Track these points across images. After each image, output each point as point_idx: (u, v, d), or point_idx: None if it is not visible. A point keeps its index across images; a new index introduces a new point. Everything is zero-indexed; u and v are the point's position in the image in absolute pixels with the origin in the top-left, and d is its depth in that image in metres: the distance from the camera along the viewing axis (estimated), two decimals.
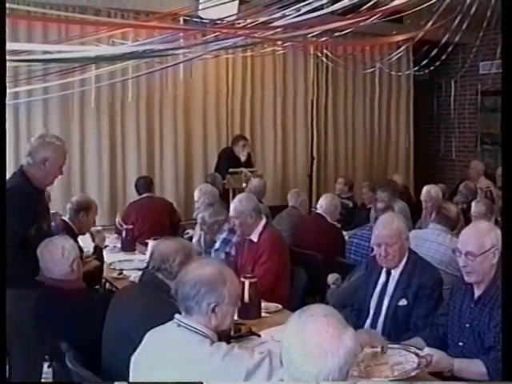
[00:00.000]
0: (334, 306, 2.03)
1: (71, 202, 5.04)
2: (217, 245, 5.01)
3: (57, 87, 6.88)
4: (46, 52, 5.53)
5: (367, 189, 7.48)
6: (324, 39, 7.10)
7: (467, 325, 2.99)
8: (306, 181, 9.06)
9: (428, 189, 6.24)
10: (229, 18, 5.63)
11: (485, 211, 5.45)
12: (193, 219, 6.14)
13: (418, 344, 2.99)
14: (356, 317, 3.63)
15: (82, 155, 7.84)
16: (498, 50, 7.64)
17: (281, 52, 8.20)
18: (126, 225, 5.89)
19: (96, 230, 5.10)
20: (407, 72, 9.80)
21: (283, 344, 1.85)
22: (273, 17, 5.19)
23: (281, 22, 5.01)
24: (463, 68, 9.29)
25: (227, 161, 7.96)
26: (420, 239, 4.52)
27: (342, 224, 6.20)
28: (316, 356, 1.76)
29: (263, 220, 4.54)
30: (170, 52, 5.77)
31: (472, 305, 3.00)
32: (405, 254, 3.54)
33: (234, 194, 6.59)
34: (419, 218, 6.21)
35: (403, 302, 3.46)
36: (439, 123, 10.85)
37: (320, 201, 5.94)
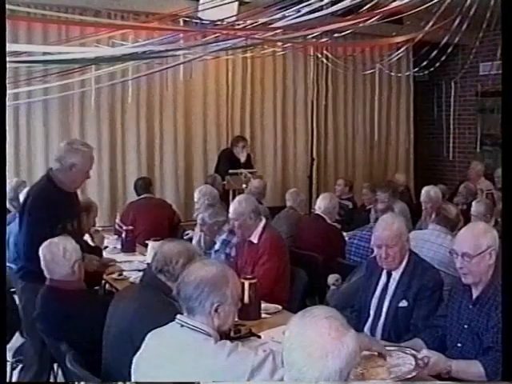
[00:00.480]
0: (335, 307, 2.03)
1: None
2: (217, 246, 5.00)
3: (57, 88, 6.89)
4: (46, 53, 5.53)
5: (367, 190, 7.48)
6: (324, 40, 7.11)
7: (466, 326, 2.99)
8: (306, 182, 9.07)
9: (427, 190, 6.23)
10: (229, 19, 5.64)
11: (484, 211, 5.45)
12: (193, 220, 6.14)
13: (417, 345, 2.99)
14: (356, 318, 3.63)
15: None
16: (498, 51, 7.64)
17: (281, 53, 8.21)
18: (125, 225, 5.89)
19: (95, 230, 5.09)
20: (407, 73, 9.81)
21: (284, 345, 1.85)
22: (273, 18, 5.19)
23: (281, 23, 5.01)
24: (463, 69, 9.29)
25: (227, 162, 7.97)
26: (420, 240, 4.52)
27: (342, 225, 6.20)
28: (317, 358, 1.76)
29: (263, 221, 4.54)
30: (170, 53, 5.77)
31: (470, 305, 3.00)
32: (405, 256, 3.54)
33: (234, 195, 6.59)
34: (419, 219, 6.21)
35: (404, 304, 3.45)
36: (439, 124, 10.85)
37: (318, 201, 5.93)
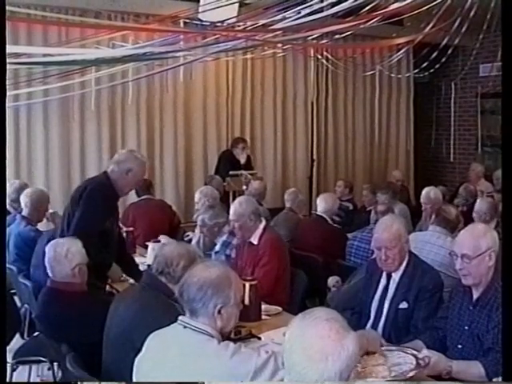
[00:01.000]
0: (335, 309, 2.03)
1: None
2: (217, 247, 5.00)
3: (57, 90, 6.89)
4: (46, 55, 5.53)
5: (368, 191, 7.47)
6: (324, 42, 7.11)
7: (466, 327, 2.99)
8: (306, 183, 9.08)
9: (427, 191, 6.23)
10: (229, 21, 5.64)
11: (486, 210, 5.44)
12: (193, 221, 6.13)
13: (418, 346, 2.98)
14: (357, 320, 3.62)
15: (83, 157, 7.84)
16: (498, 53, 7.63)
17: (281, 54, 8.21)
18: (125, 227, 5.88)
19: None
20: (407, 74, 9.81)
21: (285, 347, 1.85)
22: (273, 19, 5.20)
23: (281, 25, 5.02)
24: (463, 70, 9.30)
25: (227, 163, 7.97)
26: (420, 242, 4.52)
27: (342, 226, 6.19)
28: (317, 360, 1.76)
29: (263, 223, 4.54)
30: (171, 54, 5.77)
31: (471, 307, 3.00)
32: (405, 257, 3.54)
33: (234, 197, 6.59)
34: (419, 221, 6.21)
35: (404, 305, 3.45)
36: (439, 126, 10.85)
37: (318, 202, 5.94)
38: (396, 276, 3.54)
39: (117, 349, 2.86)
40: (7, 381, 2.67)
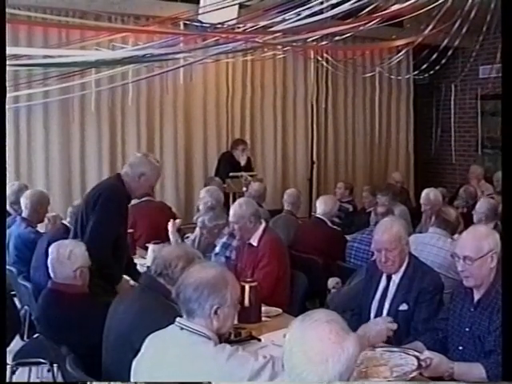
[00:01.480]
0: (335, 311, 2.03)
1: (72, 206, 5.05)
2: (217, 249, 5.00)
3: (57, 91, 6.89)
4: (47, 56, 5.54)
5: (368, 193, 7.48)
6: (324, 43, 7.11)
7: (467, 329, 2.98)
8: (306, 185, 9.07)
9: (427, 192, 6.24)
10: (229, 23, 5.64)
11: (486, 210, 5.44)
12: (193, 223, 6.13)
13: (418, 348, 2.98)
14: (357, 321, 3.61)
15: (83, 159, 7.84)
16: (498, 54, 7.64)
17: (281, 56, 8.21)
18: None
19: None
20: (407, 76, 9.81)
21: (285, 349, 1.85)
22: (273, 21, 5.20)
23: (281, 27, 5.02)
24: (463, 72, 9.29)
25: (227, 165, 7.97)
26: (420, 243, 4.52)
27: (342, 228, 6.19)
28: (317, 362, 1.76)
29: (263, 224, 4.54)
30: (171, 56, 5.77)
31: (472, 309, 2.99)
32: (405, 259, 3.54)
33: (235, 198, 6.59)
34: (419, 222, 6.21)
35: (404, 307, 3.45)
36: (439, 127, 10.85)
37: (318, 204, 5.94)
38: (396, 278, 3.54)
39: (116, 350, 2.86)
40: (7, 381, 2.67)
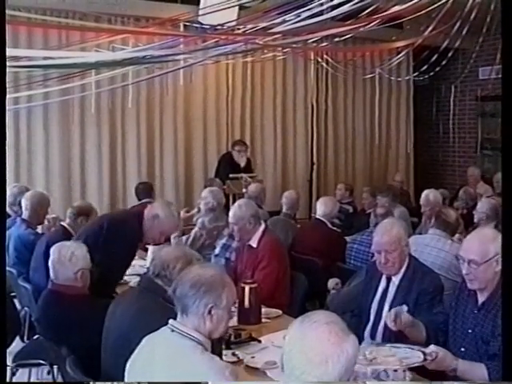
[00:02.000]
0: (335, 312, 2.03)
1: (72, 207, 5.05)
2: (217, 250, 5.00)
3: (57, 93, 6.89)
4: (47, 58, 5.54)
5: (368, 194, 7.48)
6: (324, 45, 7.12)
7: (470, 330, 2.97)
8: (306, 186, 9.08)
9: (426, 193, 6.24)
10: (229, 24, 5.64)
11: (486, 211, 5.44)
12: (193, 224, 6.13)
13: (420, 325, 3.02)
14: (357, 323, 3.62)
15: (83, 160, 7.86)
16: (498, 56, 7.64)
17: (281, 57, 8.22)
18: None
19: None
20: (407, 77, 9.82)
21: (285, 350, 1.85)
22: (273, 22, 5.20)
23: (281, 28, 5.02)
24: (463, 73, 9.29)
25: (227, 166, 7.97)
26: (420, 245, 4.52)
27: (342, 229, 6.19)
28: (317, 363, 1.76)
29: (262, 225, 4.54)
30: (171, 58, 5.77)
31: (475, 310, 2.97)
32: (405, 261, 3.54)
33: (234, 200, 6.59)
34: (419, 223, 6.21)
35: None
36: (439, 128, 10.85)
37: (318, 205, 5.93)
38: (396, 279, 3.53)
39: (115, 352, 2.86)
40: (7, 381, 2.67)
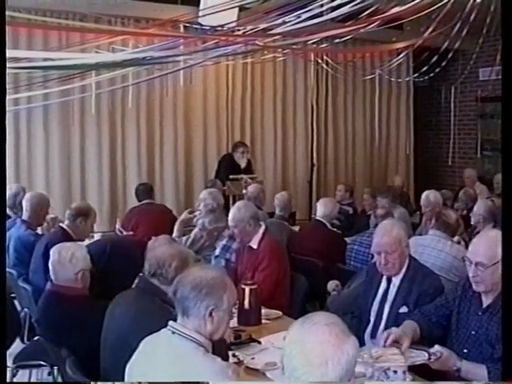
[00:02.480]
0: (335, 313, 2.02)
1: (70, 208, 5.05)
2: (217, 251, 4.99)
3: (57, 94, 6.89)
4: (47, 59, 5.54)
5: (368, 195, 7.48)
6: (324, 46, 7.12)
7: (473, 332, 2.96)
8: (306, 187, 9.08)
9: (427, 194, 6.25)
10: (229, 25, 5.64)
11: (483, 212, 5.44)
12: (192, 226, 6.13)
13: (411, 326, 3.01)
14: (357, 324, 3.62)
15: (83, 161, 7.86)
16: (498, 56, 7.64)
17: (281, 59, 8.22)
18: (126, 231, 5.88)
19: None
20: (407, 78, 9.82)
21: (285, 352, 1.85)
22: (273, 23, 5.20)
23: (281, 29, 5.02)
24: (463, 74, 9.30)
25: (227, 167, 7.97)
26: (420, 246, 4.51)
27: (342, 230, 6.19)
28: (317, 365, 1.76)
29: (262, 227, 4.54)
30: (171, 59, 5.77)
31: (480, 312, 2.96)
32: (405, 262, 3.53)
33: (235, 201, 6.59)
34: (419, 224, 6.21)
35: (404, 310, 3.44)
36: (439, 129, 10.86)
37: (318, 206, 5.93)
38: (396, 280, 3.53)
39: (115, 353, 2.86)
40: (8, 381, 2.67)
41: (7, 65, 2.83)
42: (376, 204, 6.22)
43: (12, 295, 4.71)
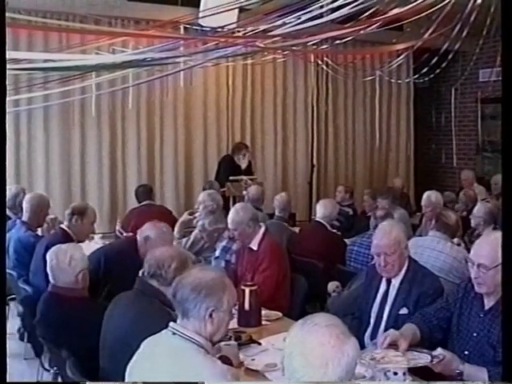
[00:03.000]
0: (335, 314, 2.02)
1: (68, 209, 5.06)
2: (217, 253, 4.99)
3: (57, 95, 6.89)
4: (47, 60, 5.54)
5: (368, 196, 7.48)
6: (324, 47, 7.12)
7: (474, 334, 2.95)
8: (307, 188, 9.08)
9: (428, 194, 6.27)
10: (229, 26, 5.64)
11: (483, 214, 5.44)
12: (192, 227, 6.13)
13: (411, 328, 2.99)
14: (357, 325, 3.61)
15: (83, 162, 7.87)
16: (498, 58, 7.64)
17: (281, 60, 8.23)
18: (126, 232, 5.88)
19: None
20: (407, 80, 9.82)
21: (285, 353, 1.85)
22: (273, 25, 5.20)
23: (281, 31, 5.02)
24: (463, 75, 9.30)
25: (227, 168, 7.97)
26: (420, 247, 4.51)
27: (342, 232, 6.19)
28: (317, 367, 1.77)
29: (262, 228, 4.54)
30: (171, 60, 5.77)
31: (481, 314, 2.95)
32: (405, 263, 3.53)
33: (235, 202, 6.59)
34: (419, 225, 6.21)
35: (404, 311, 3.44)
36: (439, 131, 10.85)
37: (318, 208, 5.93)
38: (396, 281, 3.53)
39: (114, 355, 2.86)
40: (7, 381, 2.67)
41: (7, 66, 2.83)
42: (376, 205, 6.22)
43: (12, 296, 4.70)
